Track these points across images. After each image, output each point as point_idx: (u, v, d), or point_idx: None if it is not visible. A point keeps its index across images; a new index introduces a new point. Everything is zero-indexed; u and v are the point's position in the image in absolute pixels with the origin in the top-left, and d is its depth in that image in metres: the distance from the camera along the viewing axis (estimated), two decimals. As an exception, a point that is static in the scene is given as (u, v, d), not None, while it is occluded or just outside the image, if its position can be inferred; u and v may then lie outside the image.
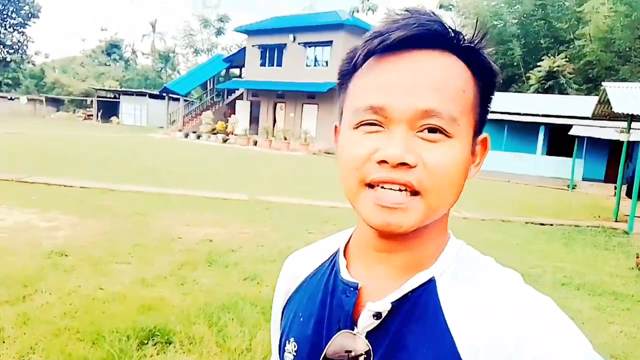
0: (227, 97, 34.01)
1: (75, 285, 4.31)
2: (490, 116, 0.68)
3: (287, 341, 0.75)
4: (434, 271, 0.65)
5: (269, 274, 4.95)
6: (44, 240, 5.65)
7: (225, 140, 27.73)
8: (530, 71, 29.23)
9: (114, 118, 42.43)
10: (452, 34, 0.61)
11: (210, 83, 34.92)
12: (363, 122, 0.62)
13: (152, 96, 41.64)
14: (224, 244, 6.17)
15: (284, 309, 0.80)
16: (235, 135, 28.32)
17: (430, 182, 0.59)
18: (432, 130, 0.60)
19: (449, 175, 0.60)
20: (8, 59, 50.06)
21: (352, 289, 0.68)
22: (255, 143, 26.81)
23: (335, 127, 0.73)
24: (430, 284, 0.65)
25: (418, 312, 0.64)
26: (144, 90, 46.23)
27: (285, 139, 26.33)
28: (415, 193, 0.59)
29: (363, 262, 0.70)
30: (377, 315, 0.64)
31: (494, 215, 10.32)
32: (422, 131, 0.60)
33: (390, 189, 0.59)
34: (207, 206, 8.72)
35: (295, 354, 0.72)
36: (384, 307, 0.64)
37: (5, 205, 7.30)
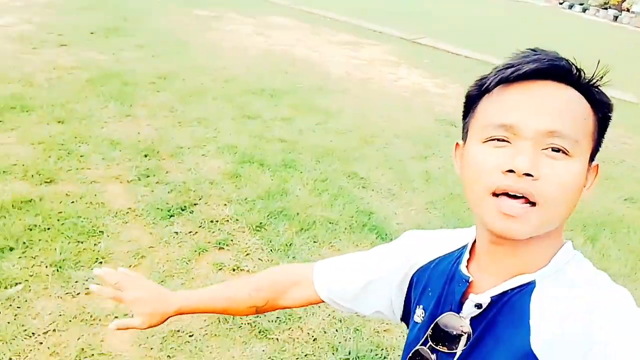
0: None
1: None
2: None
3: (417, 306, 0.90)
4: (537, 275, 0.73)
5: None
6: (436, 106, 6.37)
7: (615, 18, 23.71)
8: None
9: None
10: (576, 72, 0.70)
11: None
12: (493, 138, 0.70)
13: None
14: None
15: (412, 276, 0.94)
16: (632, 13, 23.79)
17: (549, 195, 0.66)
18: (555, 149, 0.67)
19: (566, 190, 0.67)
20: None
21: (464, 281, 0.81)
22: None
23: (457, 144, 0.84)
24: (529, 285, 0.73)
25: (509, 308, 0.74)
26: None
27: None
28: (533, 204, 0.66)
29: (478, 259, 0.82)
30: (478, 305, 0.76)
31: None
32: (546, 149, 0.67)
33: (514, 196, 0.66)
34: None
35: (422, 318, 0.88)
36: (484, 299, 0.76)
37: (405, 65, 8.37)
